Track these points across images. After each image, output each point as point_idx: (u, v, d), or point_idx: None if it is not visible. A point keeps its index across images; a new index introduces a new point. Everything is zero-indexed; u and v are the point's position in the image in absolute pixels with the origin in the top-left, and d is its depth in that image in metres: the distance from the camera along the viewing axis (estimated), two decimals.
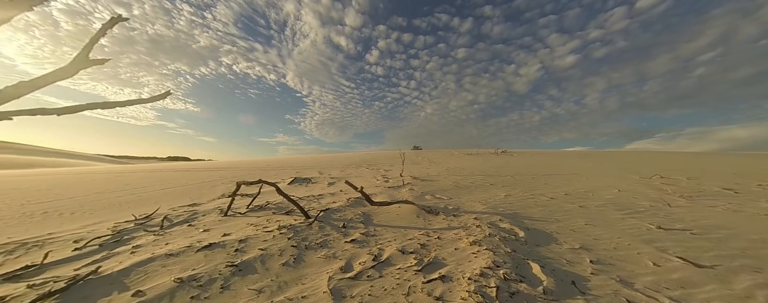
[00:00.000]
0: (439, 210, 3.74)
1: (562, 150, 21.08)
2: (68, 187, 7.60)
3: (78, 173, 12.62)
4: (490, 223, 3.05)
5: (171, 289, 1.73)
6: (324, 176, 8.35)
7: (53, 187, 7.45)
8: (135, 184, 7.94)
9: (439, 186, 5.76)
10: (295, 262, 2.20)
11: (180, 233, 3.04)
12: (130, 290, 1.73)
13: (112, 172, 12.17)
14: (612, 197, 4.58)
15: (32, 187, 7.46)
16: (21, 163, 33.51)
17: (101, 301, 1.63)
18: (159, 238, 2.87)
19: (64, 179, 9.71)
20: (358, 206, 3.99)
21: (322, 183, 7.02)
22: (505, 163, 10.92)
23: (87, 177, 10.42)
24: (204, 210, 4.21)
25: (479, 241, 2.49)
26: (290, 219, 3.32)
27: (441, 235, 2.75)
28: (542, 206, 4.00)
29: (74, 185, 7.93)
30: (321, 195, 5.05)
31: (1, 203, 5.28)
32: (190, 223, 3.47)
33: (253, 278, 1.94)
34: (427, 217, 3.45)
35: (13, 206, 4.99)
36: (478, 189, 5.43)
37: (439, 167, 9.88)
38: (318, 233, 2.82)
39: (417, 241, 2.60)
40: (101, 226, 3.54)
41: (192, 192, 6.30)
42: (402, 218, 3.42)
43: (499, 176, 7.15)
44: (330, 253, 2.38)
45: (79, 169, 16.34)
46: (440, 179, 6.75)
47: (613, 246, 2.52)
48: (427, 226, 3.13)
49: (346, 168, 10.67)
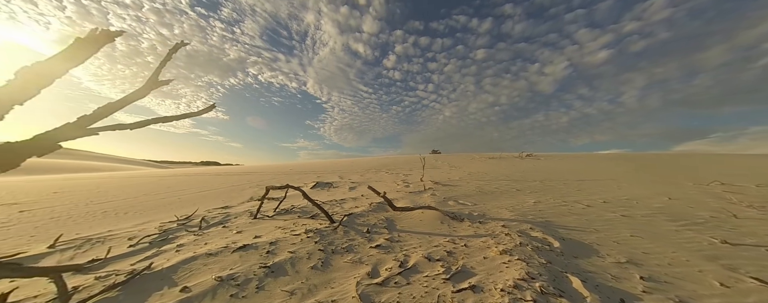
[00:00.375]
0: (464, 216, 3.63)
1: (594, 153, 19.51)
2: (121, 189, 8.52)
3: (128, 177, 14.10)
4: (519, 232, 2.89)
5: (213, 286, 1.86)
6: (344, 181, 8.50)
7: (109, 189, 8.39)
8: (175, 187, 8.68)
9: (462, 191, 5.60)
10: (323, 265, 2.26)
11: (216, 234, 3.26)
12: (178, 286, 1.89)
13: (155, 176, 13.43)
14: (661, 206, 4.13)
15: (93, 189, 8.46)
16: (83, 167, 38.24)
17: (155, 294, 1.80)
18: (198, 238, 3.10)
19: (117, 182, 10.90)
20: (380, 211, 4.00)
21: (343, 187, 7.15)
22: (531, 168, 10.35)
23: (135, 180, 11.60)
24: (235, 212, 4.48)
25: (509, 250, 2.37)
26: (316, 223, 3.41)
27: (468, 243, 2.67)
28: (578, 215, 3.72)
29: (125, 188, 8.86)
30: (343, 199, 5.14)
31: (70, 203, 6.05)
32: (225, 224, 3.71)
33: (284, 280, 2.02)
34: (451, 224, 3.37)
35: (80, 206, 5.69)
36: (503, 195, 5.19)
37: (460, 172, 9.62)
38: (343, 238, 2.87)
39: (443, 249, 2.54)
40: (149, 225, 3.91)
41: (224, 195, 6.74)
42: (426, 224, 3.37)
43: (526, 181, 6.78)
44: (356, 257, 2.41)
45: (128, 174, 18.25)
46: (462, 184, 6.56)
47: (668, 261, 2.26)
48: (453, 233, 3.05)
49: (365, 172, 10.79)
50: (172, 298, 1.74)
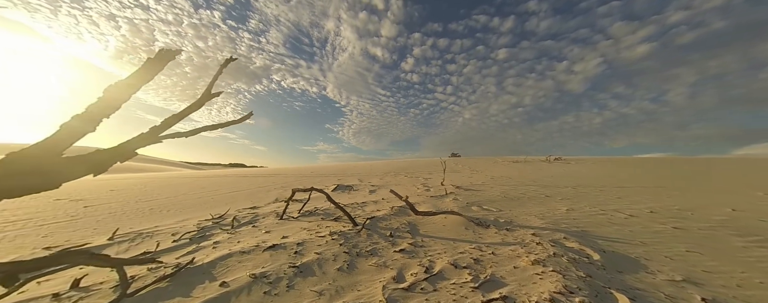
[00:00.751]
0: (489, 223, 3.49)
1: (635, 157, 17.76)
2: (163, 188, 9.36)
3: (168, 178, 15.46)
4: (552, 241, 2.72)
5: (248, 283, 1.97)
6: (364, 184, 8.59)
7: (154, 189, 9.26)
8: (208, 187, 9.36)
9: (486, 196, 5.40)
10: (349, 268, 2.29)
11: (247, 233, 3.45)
12: (217, 281, 2.02)
13: (191, 177, 14.59)
14: (724, 218, 3.65)
15: (141, 188, 9.40)
16: (131, 167, 42.75)
17: (198, 287, 1.94)
18: (232, 236, 3.30)
19: (160, 182, 12.00)
20: (402, 215, 3.98)
21: (363, 190, 7.23)
22: (561, 172, 9.70)
23: (175, 181, 12.68)
24: (263, 213, 4.71)
25: (542, 260, 2.23)
26: (339, 225, 3.48)
27: (495, 251, 2.56)
28: (620, 225, 3.41)
29: (166, 187, 9.73)
30: (364, 203, 5.19)
31: (123, 200, 6.77)
32: (254, 224, 3.91)
33: (313, 280, 2.08)
34: (476, 230, 3.25)
35: (131, 203, 6.35)
36: (531, 201, 4.92)
37: (482, 176, 9.29)
38: (367, 241, 2.89)
39: (469, 256, 2.46)
40: (188, 222, 4.25)
41: (252, 196, 7.13)
42: (449, 230, 3.29)
43: (556, 187, 6.36)
44: (380, 261, 2.41)
45: (168, 174, 20.01)
46: (486, 189, 6.33)
47: (736, 282, 1.99)
48: (478, 239, 2.94)
49: (384, 176, 10.82)
50: (212, 292, 1.87)
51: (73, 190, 8.49)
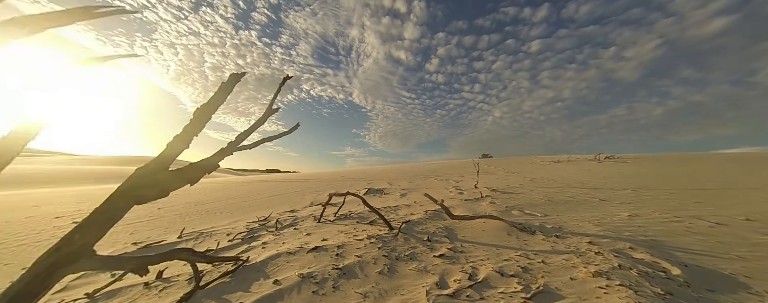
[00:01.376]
0: (535, 228, 3.24)
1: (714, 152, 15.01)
2: (215, 192, 10.48)
3: (218, 183, 17.26)
4: (615, 251, 2.42)
5: (297, 282, 2.10)
6: (394, 187, 8.61)
7: (208, 193, 10.42)
8: (252, 192, 10.22)
9: (527, 200, 5.02)
10: (390, 271, 2.31)
11: (290, 235, 3.69)
12: (271, 279, 2.20)
13: (236, 182, 16.10)
14: None
15: (198, 192, 10.64)
16: None
17: (254, 283, 2.13)
18: (277, 238, 3.56)
19: (212, 186, 13.46)
20: (437, 219, 3.90)
21: (394, 194, 7.25)
22: (616, 172, 8.63)
23: (222, 185, 14.11)
24: (301, 216, 4.99)
25: (605, 272, 2.00)
26: (375, 229, 3.54)
27: (546, 260, 2.36)
28: (703, 235, 2.90)
29: (217, 191, 10.86)
30: (397, 206, 5.20)
31: (186, 203, 7.73)
32: (295, 226, 4.17)
33: (356, 282, 2.14)
34: (520, 236, 3.04)
35: (192, 205, 7.22)
36: (581, 205, 4.44)
37: (520, 178, 8.67)
38: (404, 245, 2.89)
39: (516, 264, 2.31)
40: (239, 223, 4.68)
41: (289, 200, 7.60)
42: (489, 235, 3.13)
43: (612, 189, 5.66)
44: (420, 266, 2.39)
45: (217, 180, 22.33)
46: (525, 192, 5.89)
47: None
48: (524, 246, 2.75)
49: (413, 179, 10.72)
50: (268, 289, 2.03)
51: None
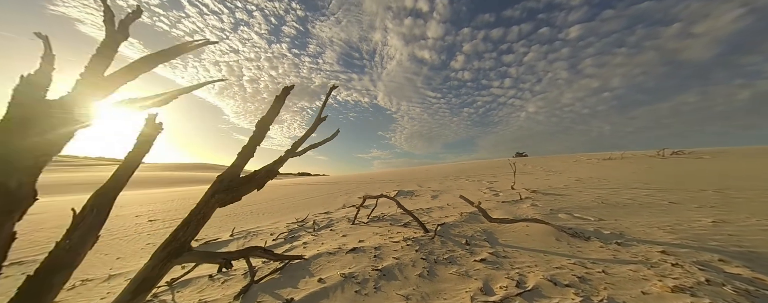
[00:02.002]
0: (589, 234, 2.93)
1: None
2: (256, 195, 11.39)
3: None
4: (699, 264, 2.07)
5: (340, 281, 2.18)
6: (424, 189, 8.49)
7: (250, 196, 11.37)
8: (288, 194, 10.90)
9: (575, 202, 4.56)
10: (429, 274, 2.28)
11: (327, 236, 3.84)
12: (315, 277, 2.31)
13: (274, 185, 17.30)
14: None
15: None
16: None
17: (301, 281, 2.27)
18: (316, 238, 3.73)
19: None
20: (474, 222, 3.75)
21: (424, 196, 7.15)
22: (689, 170, 7.42)
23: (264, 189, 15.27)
24: (336, 218, 5.17)
25: (688, 288, 1.72)
26: (410, 231, 3.52)
27: (607, 270, 2.12)
28: None
29: (258, 194, 11.79)
30: (429, 208, 5.12)
31: (233, 205, 8.55)
32: (331, 228, 4.33)
33: (396, 284, 2.15)
34: (571, 242, 2.78)
35: (238, 207, 7.95)
36: (646, 209, 3.90)
37: (563, 177, 7.93)
38: (442, 248, 2.83)
39: (570, 272, 2.11)
40: (280, 224, 5.02)
41: (323, 202, 7.94)
42: (535, 240, 2.91)
43: (686, 190, 4.88)
44: (461, 270, 2.31)
45: None
46: (573, 193, 5.36)
47: None
48: (577, 253, 2.50)
49: (443, 180, 10.45)
50: (314, 286, 2.14)
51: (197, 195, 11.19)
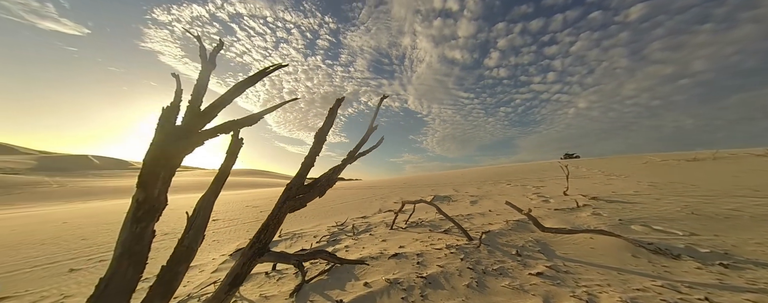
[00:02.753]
0: (678, 251, 2.43)
1: None
2: None
3: None
4: None
5: (386, 286, 2.18)
6: (461, 194, 8.10)
7: None
8: (326, 198, 11.42)
9: (652, 212, 3.86)
10: (479, 286, 2.13)
11: (367, 240, 3.90)
12: (361, 281, 2.35)
13: None
14: None
15: None
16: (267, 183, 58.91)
17: (347, 283, 2.32)
18: (356, 242, 3.81)
19: None
20: (523, 231, 3.43)
21: (462, 201, 6.82)
22: None
23: None
24: (373, 222, 5.23)
25: None
26: (452, 239, 3.37)
27: (712, 297, 1.72)
28: None
29: None
30: (470, 215, 4.85)
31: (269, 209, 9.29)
32: (370, 232, 4.38)
33: (443, 293, 2.06)
34: (654, 260, 2.34)
35: None
36: (763, 223, 3.10)
37: (631, 182, 6.81)
38: (490, 258, 2.64)
39: (658, 297, 1.77)
40: (321, 227, 5.27)
41: (359, 206, 8.12)
42: (603, 255, 2.53)
43: None
44: (514, 283, 2.12)
45: None
46: (647, 201, 4.55)
47: None
48: (664, 274, 2.09)
49: (482, 184, 9.86)
50: (360, 290, 2.18)
51: (251, 199, 12.39)
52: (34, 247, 4.95)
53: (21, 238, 5.77)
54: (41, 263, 3.90)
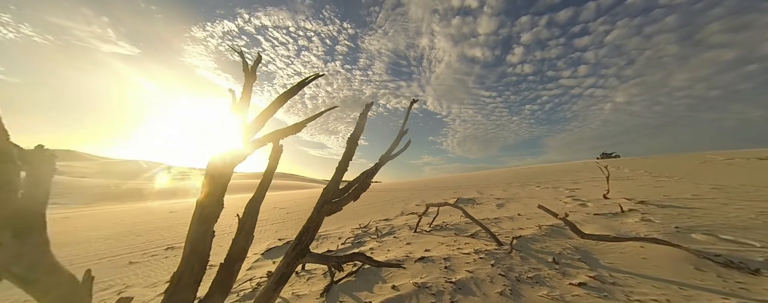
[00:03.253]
0: (757, 265, 2.10)
1: None
2: None
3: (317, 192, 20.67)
4: None
5: (414, 290, 2.15)
6: (486, 196, 7.78)
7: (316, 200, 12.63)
8: None
9: (718, 218, 3.38)
10: (513, 294, 2.02)
11: (392, 243, 3.88)
12: (388, 283, 2.34)
13: None
14: None
15: (311, 200, 13.08)
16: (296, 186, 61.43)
17: (375, 286, 2.33)
18: (381, 244, 3.82)
19: (316, 194, 16.26)
20: (558, 237, 3.19)
21: (488, 204, 6.53)
22: None
23: None
24: (396, 225, 5.20)
25: None
26: (480, 243, 3.24)
27: None
28: None
29: None
30: (497, 218, 4.63)
31: (304, 209, 9.64)
32: (394, 235, 4.37)
33: (475, 300, 1.98)
34: (723, 274, 2.04)
35: (307, 212, 8.92)
36: None
37: (687, 184, 6.04)
38: (523, 265, 2.49)
39: None
40: (344, 229, 5.36)
41: (381, 209, 8.14)
42: (658, 267, 2.26)
43: None
44: (554, 294, 1.97)
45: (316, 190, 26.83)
46: (711, 206, 4.00)
47: None
48: (740, 291, 1.81)
49: (508, 186, 9.38)
50: (388, 292, 2.17)
51: (277, 201, 13.01)
52: (99, 242, 5.65)
53: (89, 234, 6.63)
54: (106, 256, 4.44)
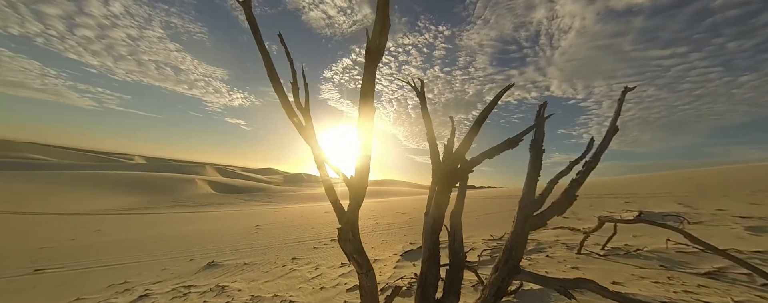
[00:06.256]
0: None
1: None
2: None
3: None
4: None
5: None
6: (703, 212, 4.90)
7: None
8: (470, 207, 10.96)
9: None
10: None
11: (546, 263, 3.19)
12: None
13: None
14: None
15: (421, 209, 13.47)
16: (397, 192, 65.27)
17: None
18: (531, 264, 3.22)
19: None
20: None
21: (719, 225, 4.07)
22: None
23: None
24: (543, 241, 4.26)
25: None
26: (740, 292, 2.00)
27: None
28: None
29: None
30: (759, 252, 2.75)
31: (411, 219, 10.03)
32: (545, 253, 3.58)
33: None
34: None
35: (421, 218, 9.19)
36: None
37: None
38: None
39: None
40: (474, 239, 4.99)
41: (505, 220, 7.04)
42: None
43: None
44: None
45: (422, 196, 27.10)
46: None
47: None
48: None
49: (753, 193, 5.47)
50: None
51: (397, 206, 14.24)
52: (293, 229, 8.35)
53: (288, 222, 9.99)
54: (301, 240, 6.47)
